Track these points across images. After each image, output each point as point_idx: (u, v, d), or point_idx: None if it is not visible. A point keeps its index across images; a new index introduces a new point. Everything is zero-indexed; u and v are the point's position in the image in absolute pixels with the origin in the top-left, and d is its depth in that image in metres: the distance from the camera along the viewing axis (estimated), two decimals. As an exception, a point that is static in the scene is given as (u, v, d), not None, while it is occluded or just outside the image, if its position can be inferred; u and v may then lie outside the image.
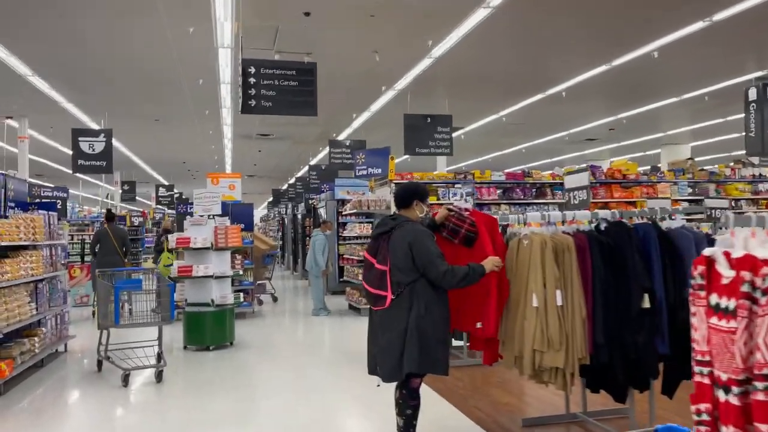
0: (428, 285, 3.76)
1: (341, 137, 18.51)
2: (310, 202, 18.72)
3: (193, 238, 7.58)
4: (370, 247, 4.03)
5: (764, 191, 11.68)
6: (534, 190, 11.22)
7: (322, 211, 15.54)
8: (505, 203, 10.99)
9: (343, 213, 11.72)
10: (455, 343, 6.54)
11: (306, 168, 24.53)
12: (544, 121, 17.95)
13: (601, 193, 11.37)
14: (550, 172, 11.38)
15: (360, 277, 10.47)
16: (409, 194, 4.05)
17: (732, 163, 12.09)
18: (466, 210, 4.52)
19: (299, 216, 20.22)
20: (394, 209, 4.42)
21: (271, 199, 35.50)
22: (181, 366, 7.02)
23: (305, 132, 18.71)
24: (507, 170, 11.39)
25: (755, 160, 12.33)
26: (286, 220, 24.83)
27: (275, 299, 12.91)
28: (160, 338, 6.36)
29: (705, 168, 11.73)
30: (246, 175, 30.19)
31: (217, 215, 7.90)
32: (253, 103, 8.71)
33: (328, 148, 20.82)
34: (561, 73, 12.47)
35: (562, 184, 11.34)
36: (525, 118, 16.97)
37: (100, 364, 6.54)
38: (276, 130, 18.41)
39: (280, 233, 26.86)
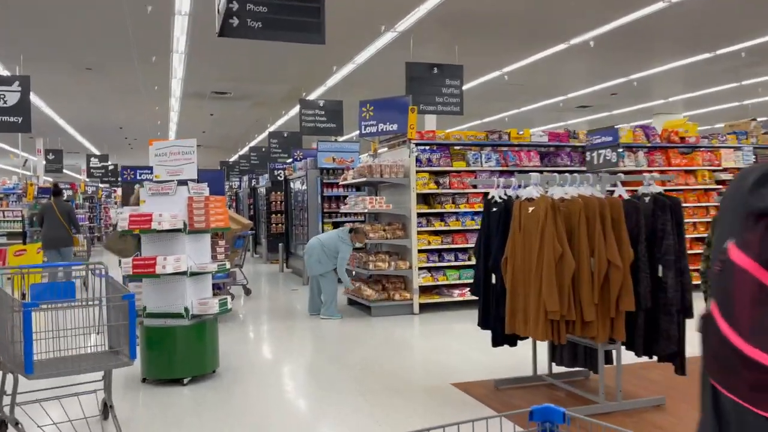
0: None
1: (312, 97, 15.81)
2: (276, 173, 16.01)
3: (155, 215, 4.94)
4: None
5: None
6: (579, 154, 9.04)
7: (298, 184, 12.91)
8: (548, 170, 8.76)
9: (341, 184, 9.20)
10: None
11: (264, 135, 21.67)
12: (546, 82, 15.88)
13: (658, 160, 9.31)
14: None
15: (366, 265, 8.06)
16: None
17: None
18: None
19: (262, 190, 17.46)
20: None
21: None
22: (140, 417, 4.46)
23: (271, 90, 15.89)
24: (548, 128, 9.13)
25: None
26: (240, 195, 21.93)
27: (248, 291, 10.30)
28: (107, 382, 3.81)
29: (769, 131, 9.94)
30: (192, 144, 26.94)
31: (191, 180, 5.27)
32: (235, 22, 6.05)
33: (292, 113, 18.30)
34: (577, 22, 10.29)
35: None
36: (527, 77, 14.80)
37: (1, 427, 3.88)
38: (236, 88, 15.51)
39: (234, 210, 23.92)
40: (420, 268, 8.16)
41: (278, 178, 15.60)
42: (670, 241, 4.11)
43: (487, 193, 4.85)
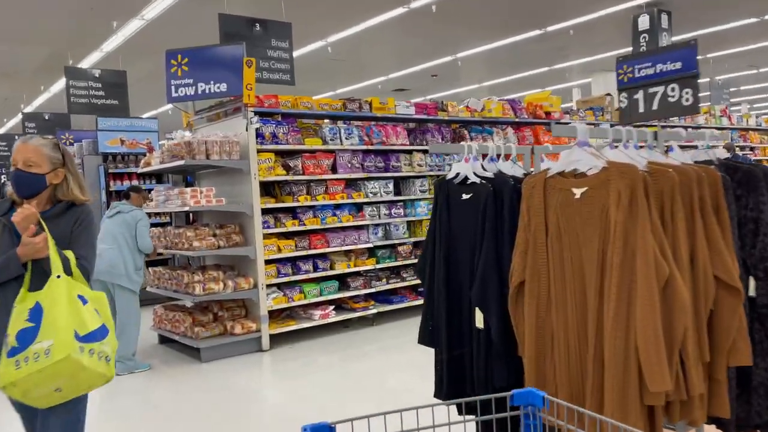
0: None
1: (84, 65, 12.22)
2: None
3: None
4: None
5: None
6: (450, 131, 7.46)
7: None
8: (417, 150, 7.03)
9: (142, 172, 6.37)
10: None
11: (17, 119, 16.93)
12: (369, 59, 14.38)
13: (528, 138, 8.17)
14: (465, 104, 7.81)
15: (188, 288, 5.52)
16: None
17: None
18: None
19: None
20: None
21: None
22: None
23: (21, 54, 11.91)
24: (415, 100, 7.37)
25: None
26: (-14, 195, 16.90)
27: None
28: None
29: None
30: None
31: None
32: None
33: (56, 88, 14.25)
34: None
35: (481, 123, 7.81)
36: (350, 51, 13.11)
37: None
38: (-34, 47, 11.28)
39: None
40: (268, 286, 5.85)
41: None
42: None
43: (441, 176, 2.79)
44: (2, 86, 14.39)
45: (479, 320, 2.48)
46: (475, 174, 2.58)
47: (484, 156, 2.75)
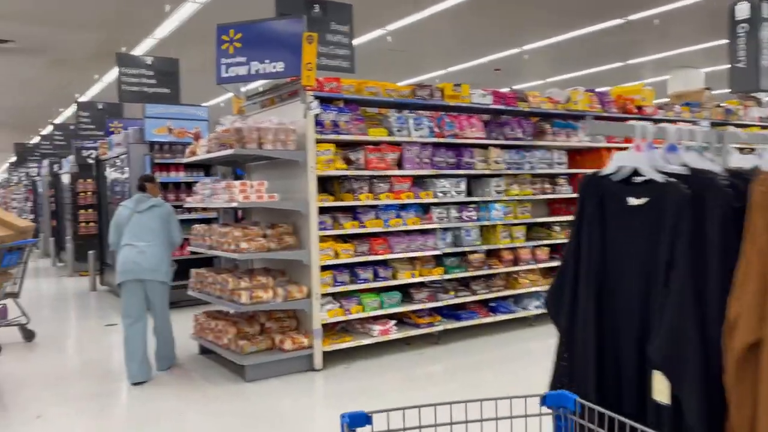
0: None
1: (137, 52, 11.83)
2: (86, 153, 11.81)
3: None
4: None
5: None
6: (531, 124, 6.56)
7: (116, 167, 9.06)
8: (494, 144, 6.17)
9: (187, 162, 5.70)
10: None
11: (71, 109, 16.83)
12: (429, 50, 13.56)
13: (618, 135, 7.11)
14: (547, 94, 6.90)
15: (233, 294, 4.82)
16: None
17: (742, 101, 8.83)
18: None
19: (66, 176, 13.00)
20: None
21: (14, 158, 25.76)
22: None
23: (74, 40, 11.60)
24: (494, 89, 6.50)
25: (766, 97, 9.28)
26: (39, 185, 16.91)
27: (29, 335, 6.45)
28: None
29: (722, 105, 8.33)
30: (-29, 120, 20.82)
31: None
32: None
33: (109, 78, 13.98)
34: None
35: (564, 116, 6.89)
36: (410, 40, 12.32)
37: None
38: (20, 32, 11.02)
39: (30, 204, 18.66)
40: (323, 295, 5.11)
41: (88, 160, 11.43)
42: None
43: (595, 173, 1.95)
44: (57, 74, 14.23)
45: (660, 392, 1.63)
46: (656, 170, 1.73)
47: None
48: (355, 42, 10.16)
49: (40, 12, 9.90)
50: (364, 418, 1.26)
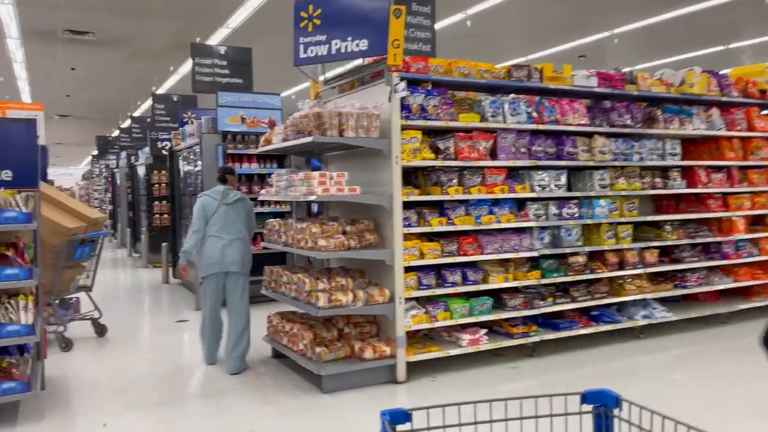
0: None
1: (211, 42, 11.70)
2: (160, 144, 11.81)
3: None
4: None
5: None
6: (641, 109, 5.79)
7: (189, 157, 8.89)
8: (598, 132, 5.46)
9: (261, 151, 5.28)
10: None
11: (149, 103, 17.08)
12: (509, 35, 12.79)
13: (740, 122, 6.31)
14: (658, 75, 6.08)
15: (310, 297, 4.36)
16: None
17: None
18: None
19: (141, 168, 13.12)
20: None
21: (95, 152, 26.72)
22: None
23: (150, 31, 11.59)
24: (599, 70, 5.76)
25: None
26: (118, 176, 17.29)
27: (101, 330, 6.28)
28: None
29: None
30: (56, 114, 21.62)
31: None
32: None
33: (184, 70, 14.02)
34: None
35: (677, 101, 6.07)
36: (490, 25, 11.61)
37: None
38: (98, 25, 11.08)
39: (109, 195, 19.18)
40: (406, 300, 4.59)
41: (162, 151, 11.41)
42: None
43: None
44: (135, 67, 14.38)
45: None
46: None
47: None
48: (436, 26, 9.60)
49: (118, 2, 9.86)
50: (404, 415, 1.30)
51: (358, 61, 5.49)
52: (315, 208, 8.18)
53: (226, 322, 5.04)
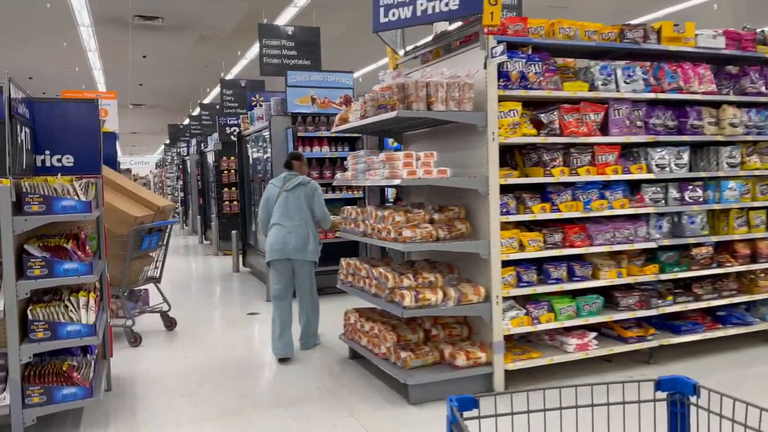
0: None
1: (279, 22, 11.33)
2: (229, 130, 11.59)
3: None
4: None
5: None
6: (776, 74, 4.89)
7: (258, 142, 8.54)
8: (728, 101, 4.62)
9: (336, 131, 4.77)
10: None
11: (216, 90, 17.04)
12: (595, 5, 11.76)
13: None
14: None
15: (394, 295, 3.80)
16: None
17: None
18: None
19: (210, 154, 12.99)
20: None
21: (167, 141, 27.28)
22: None
23: (219, 14, 11.33)
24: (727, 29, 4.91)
25: None
26: (188, 163, 17.39)
27: (170, 323, 6.00)
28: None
29: None
30: (131, 104, 22.05)
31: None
32: None
33: (251, 54, 13.77)
34: None
35: (820, 63, 5.08)
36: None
37: None
38: (167, 9, 10.90)
39: (181, 182, 19.40)
40: (505, 299, 3.98)
41: (231, 137, 11.18)
42: None
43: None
44: (203, 52, 14.25)
45: None
46: None
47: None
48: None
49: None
50: (472, 402, 1.29)
51: (442, 28, 4.87)
52: (388, 193, 7.65)
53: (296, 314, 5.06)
